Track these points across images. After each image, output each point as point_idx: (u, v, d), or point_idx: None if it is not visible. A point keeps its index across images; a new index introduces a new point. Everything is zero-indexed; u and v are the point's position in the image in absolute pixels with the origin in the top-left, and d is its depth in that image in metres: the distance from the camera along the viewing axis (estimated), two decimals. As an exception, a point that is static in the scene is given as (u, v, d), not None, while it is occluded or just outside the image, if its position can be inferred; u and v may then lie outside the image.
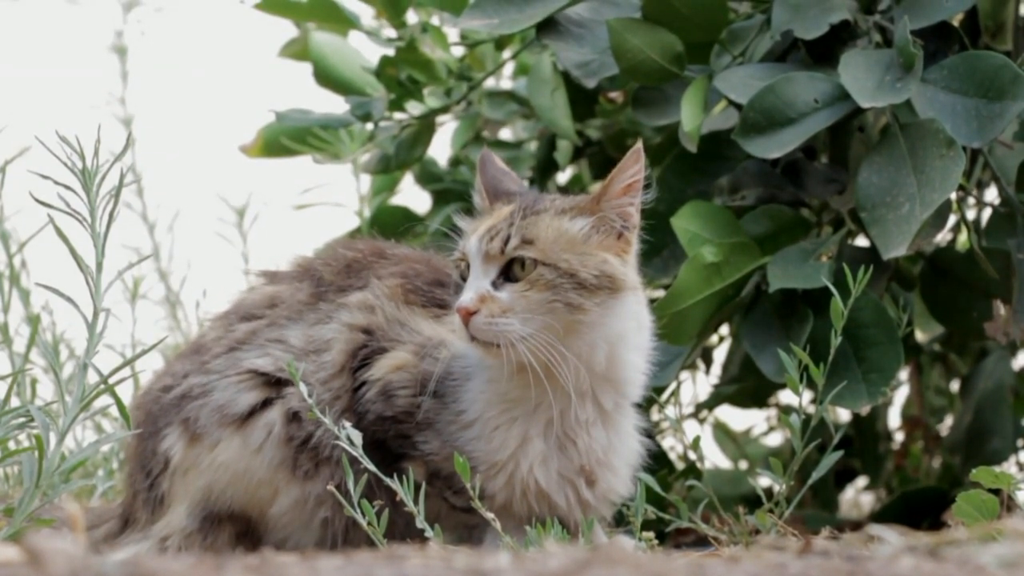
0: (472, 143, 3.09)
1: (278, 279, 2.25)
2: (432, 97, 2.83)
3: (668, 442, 2.91)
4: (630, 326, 2.09)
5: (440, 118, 2.89)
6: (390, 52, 2.76)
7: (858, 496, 3.42)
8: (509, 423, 2.08)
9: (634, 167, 2.06)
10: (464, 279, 2.05)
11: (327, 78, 2.92)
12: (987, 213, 2.68)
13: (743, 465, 3.26)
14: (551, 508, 2.10)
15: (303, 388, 2.05)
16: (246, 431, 2.13)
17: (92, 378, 1.99)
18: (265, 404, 2.13)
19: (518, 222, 2.04)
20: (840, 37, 2.54)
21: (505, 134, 3.19)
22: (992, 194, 2.72)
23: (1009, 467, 2.98)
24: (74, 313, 2.01)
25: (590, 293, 2.03)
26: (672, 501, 2.26)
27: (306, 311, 2.19)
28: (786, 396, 3.06)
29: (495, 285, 2.02)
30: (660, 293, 2.70)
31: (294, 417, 2.12)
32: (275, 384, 2.14)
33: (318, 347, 2.14)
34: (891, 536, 1.67)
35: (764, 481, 2.82)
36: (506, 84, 3.14)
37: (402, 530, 2.08)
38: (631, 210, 2.08)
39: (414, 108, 2.81)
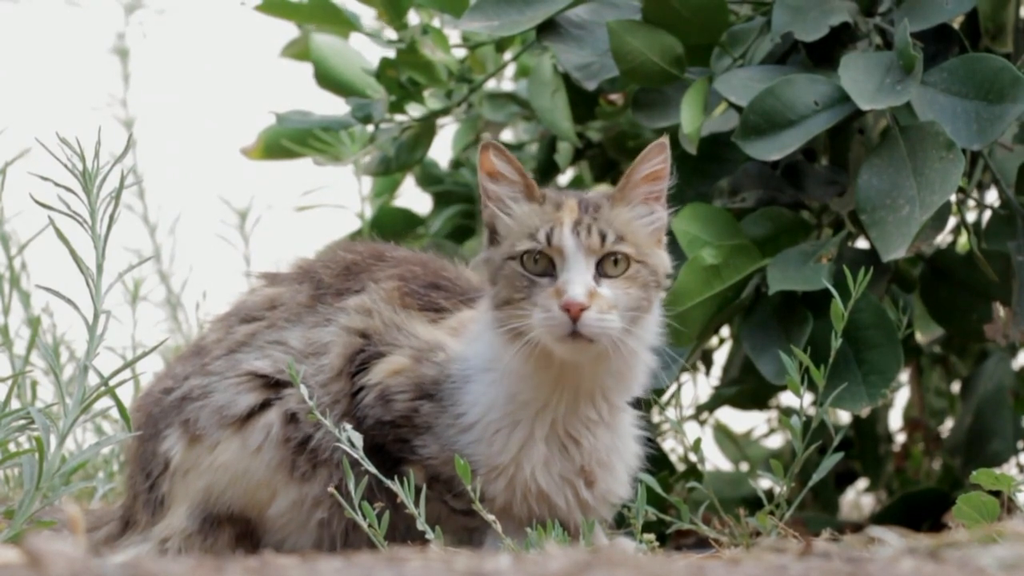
0: (473, 145, 3.10)
1: (279, 281, 2.25)
2: (433, 99, 2.83)
3: (669, 444, 2.91)
4: (656, 323, 2.10)
5: (441, 120, 2.89)
6: (391, 54, 2.77)
7: (859, 498, 3.42)
8: (511, 426, 2.08)
9: (659, 156, 2.06)
10: (536, 274, 2.01)
11: (328, 80, 2.92)
12: (987, 215, 2.68)
13: (744, 467, 3.26)
14: (551, 510, 2.10)
15: (303, 390, 2.05)
16: (245, 432, 2.13)
17: (92, 380, 1.99)
18: (264, 406, 2.14)
19: (603, 215, 2.02)
20: (840, 39, 2.54)
21: (506, 136, 3.19)
22: (992, 196, 2.72)
23: (1009, 469, 2.97)
24: (75, 315, 2.01)
25: (658, 290, 2.05)
26: (673, 503, 2.26)
27: (305, 313, 2.19)
28: (786, 398, 3.06)
29: (595, 281, 2.01)
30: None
31: (292, 419, 2.12)
32: (273, 386, 2.14)
33: (316, 350, 2.14)
34: (891, 538, 1.67)
35: (765, 483, 2.82)
36: (507, 86, 3.14)
37: (402, 533, 2.08)
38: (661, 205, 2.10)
39: (415, 110, 2.81)
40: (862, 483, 3.23)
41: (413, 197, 3.23)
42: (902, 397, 3.25)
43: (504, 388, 2.07)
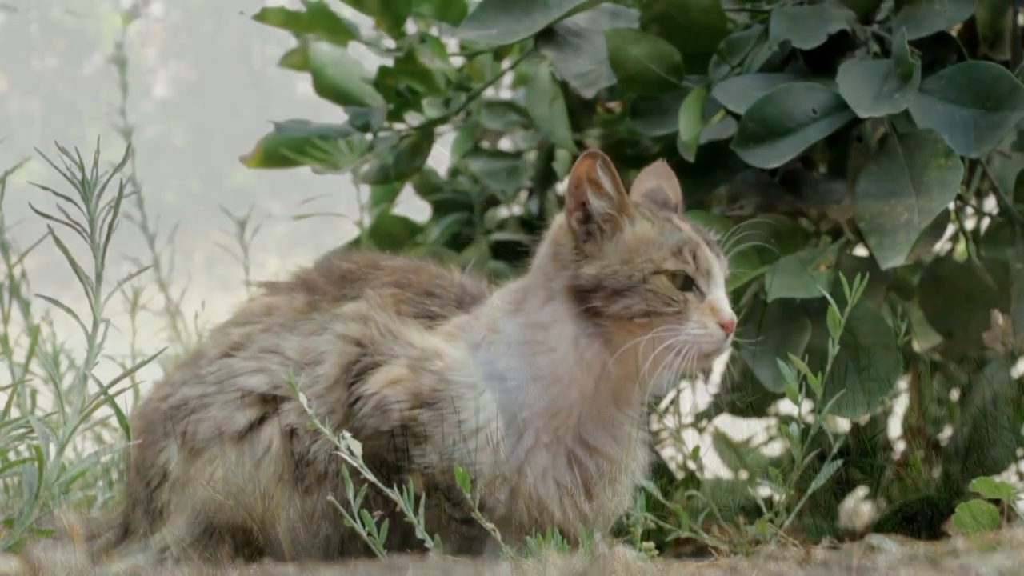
0: (471, 153, 3.10)
1: (278, 290, 2.25)
2: (431, 107, 2.83)
3: (668, 452, 2.91)
4: None
5: (439, 128, 2.90)
6: (389, 63, 2.77)
7: (858, 506, 3.42)
8: (516, 434, 2.07)
9: None
10: (684, 289, 2.06)
11: (327, 88, 2.93)
12: (985, 223, 2.68)
13: (743, 475, 3.26)
14: (552, 519, 2.09)
15: (303, 398, 2.05)
16: (243, 447, 2.12)
17: (92, 389, 1.99)
18: (262, 420, 2.13)
19: (711, 239, 2.13)
20: (838, 47, 2.54)
21: (504, 144, 3.19)
22: (990, 204, 2.72)
23: (1009, 477, 2.97)
24: (74, 324, 2.01)
25: None
26: (672, 510, 2.26)
27: (300, 320, 2.18)
28: (785, 406, 3.06)
29: None
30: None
31: (292, 433, 2.12)
32: (271, 401, 2.14)
33: (312, 359, 2.14)
34: (891, 546, 1.68)
35: (764, 491, 2.82)
36: (505, 94, 3.15)
37: (399, 541, 2.08)
38: None
39: (413, 118, 2.82)
40: (861, 491, 3.23)
41: (412, 205, 3.23)
42: (901, 405, 3.24)
43: (515, 396, 2.07)
